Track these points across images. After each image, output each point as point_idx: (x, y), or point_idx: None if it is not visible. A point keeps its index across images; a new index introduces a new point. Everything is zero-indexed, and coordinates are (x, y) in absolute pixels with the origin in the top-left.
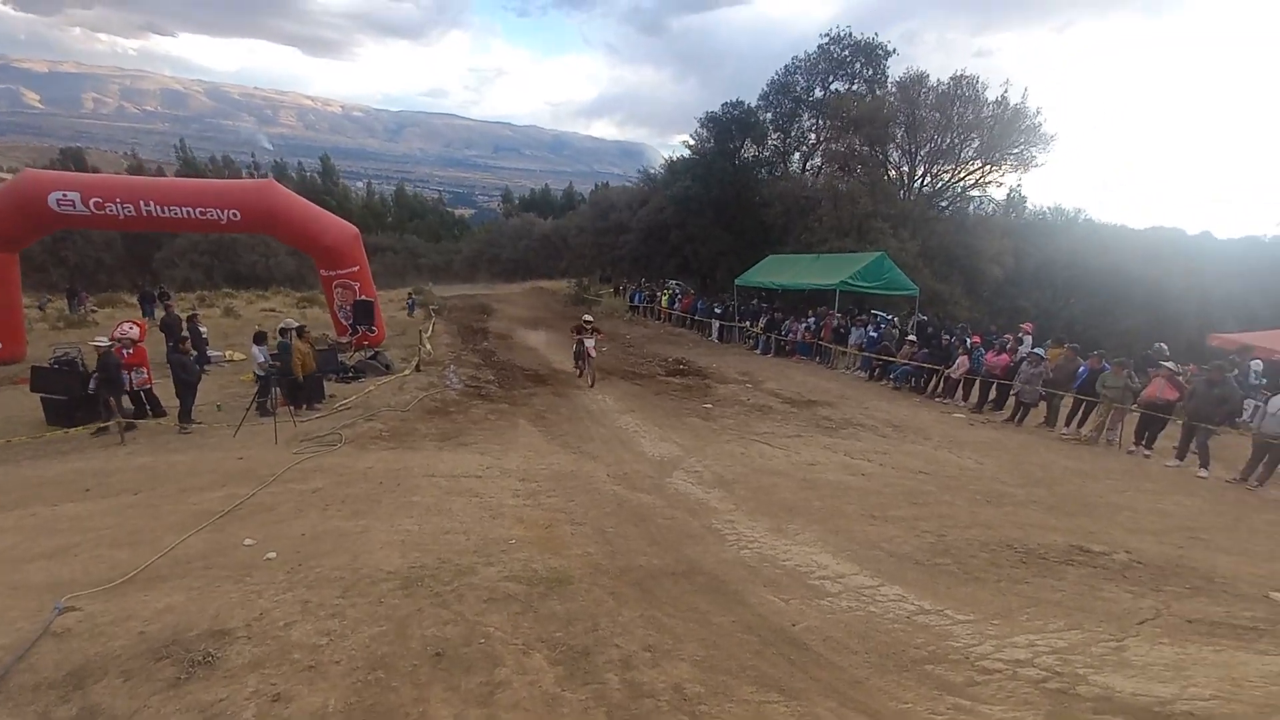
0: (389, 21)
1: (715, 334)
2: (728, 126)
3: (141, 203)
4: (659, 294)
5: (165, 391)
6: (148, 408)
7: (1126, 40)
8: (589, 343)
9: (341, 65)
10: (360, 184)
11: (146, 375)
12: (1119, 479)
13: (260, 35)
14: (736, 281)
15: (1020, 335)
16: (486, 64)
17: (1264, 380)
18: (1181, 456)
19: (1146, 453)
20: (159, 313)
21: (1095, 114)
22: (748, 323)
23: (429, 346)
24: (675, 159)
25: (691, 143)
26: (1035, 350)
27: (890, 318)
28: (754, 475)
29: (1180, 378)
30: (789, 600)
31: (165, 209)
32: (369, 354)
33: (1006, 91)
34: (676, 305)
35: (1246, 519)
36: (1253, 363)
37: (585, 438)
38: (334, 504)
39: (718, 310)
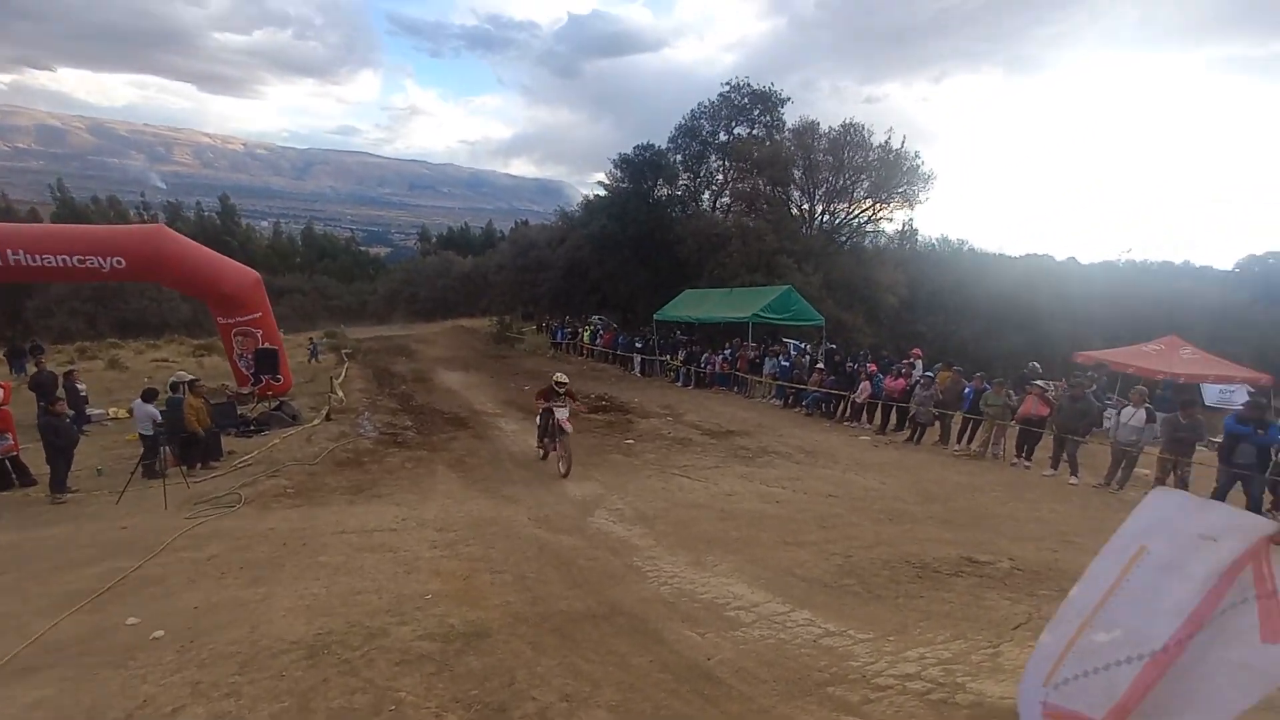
0: (294, 59)
1: (637, 368)
2: (640, 167)
3: (9, 251)
4: (581, 330)
5: (38, 458)
6: (14, 477)
7: (993, 91)
8: (561, 413)
9: (244, 102)
10: (265, 223)
11: (12, 441)
12: (1003, 490)
13: (151, 70)
14: (655, 316)
15: (911, 360)
16: (399, 103)
17: (1108, 394)
18: (1055, 466)
19: (1026, 464)
20: (30, 369)
21: (972, 153)
22: (668, 356)
23: (340, 393)
24: (592, 198)
25: (607, 182)
26: (927, 374)
27: (804, 346)
28: (674, 509)
29: (1049, 394)
30: (705, 634)
31: (37, 258)
32: (273, 405)
33: (889, 138)
34: (598, 341)
35: (1109, 521)
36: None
37: (506, 481)
38: (231, 571)
39: (639, 345)
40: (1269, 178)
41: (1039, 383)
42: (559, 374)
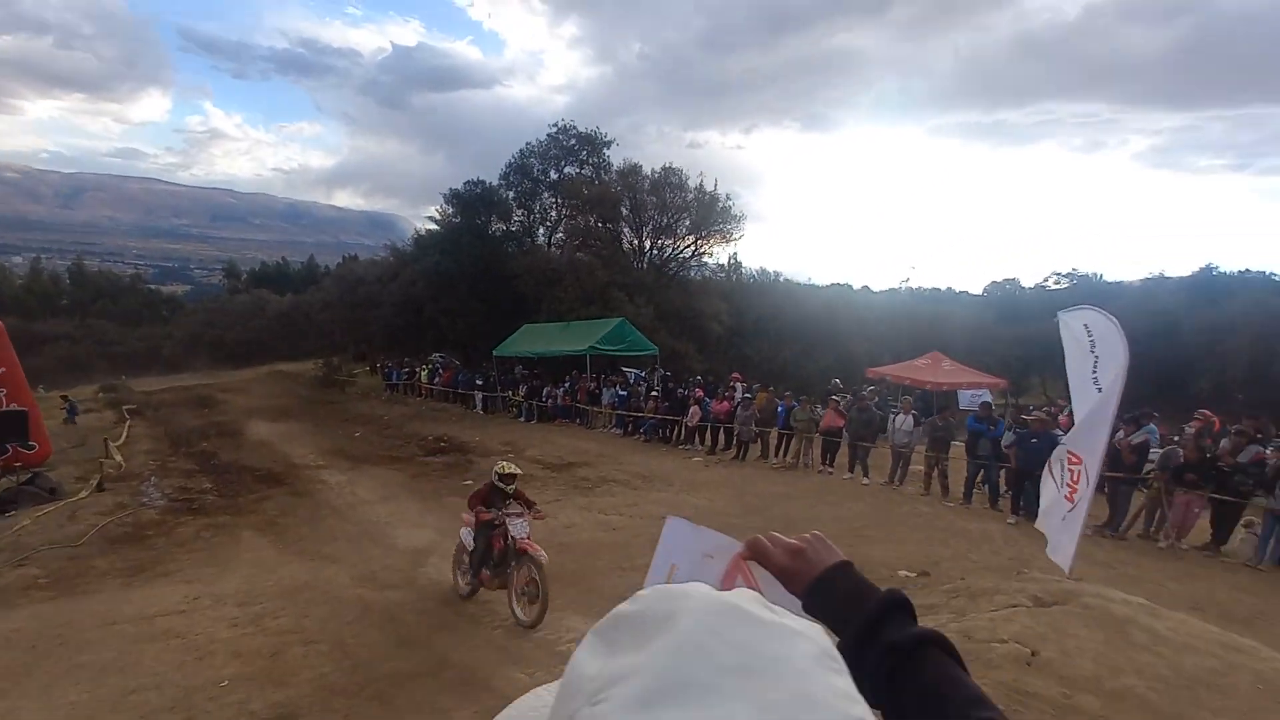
0: (57, 71)
1: (479, 406)
2: (472, 203)
3: None
4: (419, 369)
5: None
6: None
7: (793, 144)
8: (518, 529)
9: None
10: (20, 259)
11: None
12: (812, 496)
13: None
14: (495, 352)
15: (732, 384)
16: (197, 125)
17: (892, 403)
18: (852, 470)
19: (830, 471)
20: None
21: (783, 196)
22: (509, 392)
23: (119, 457)
24: (424, 232)
25: (437, 217)
26: (746, 395)
27: (642, 374)
28: None
29: (842, 406)
30: (534, 674)
31: None
32: (23, 478)
33: (702, 181)
34: (438, 379)
35: (893, 513)
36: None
37: (327, 539)
38: None
39: (479, 382)
40: (1001, 219)
41: (835, 397)
42: (504, 462)
